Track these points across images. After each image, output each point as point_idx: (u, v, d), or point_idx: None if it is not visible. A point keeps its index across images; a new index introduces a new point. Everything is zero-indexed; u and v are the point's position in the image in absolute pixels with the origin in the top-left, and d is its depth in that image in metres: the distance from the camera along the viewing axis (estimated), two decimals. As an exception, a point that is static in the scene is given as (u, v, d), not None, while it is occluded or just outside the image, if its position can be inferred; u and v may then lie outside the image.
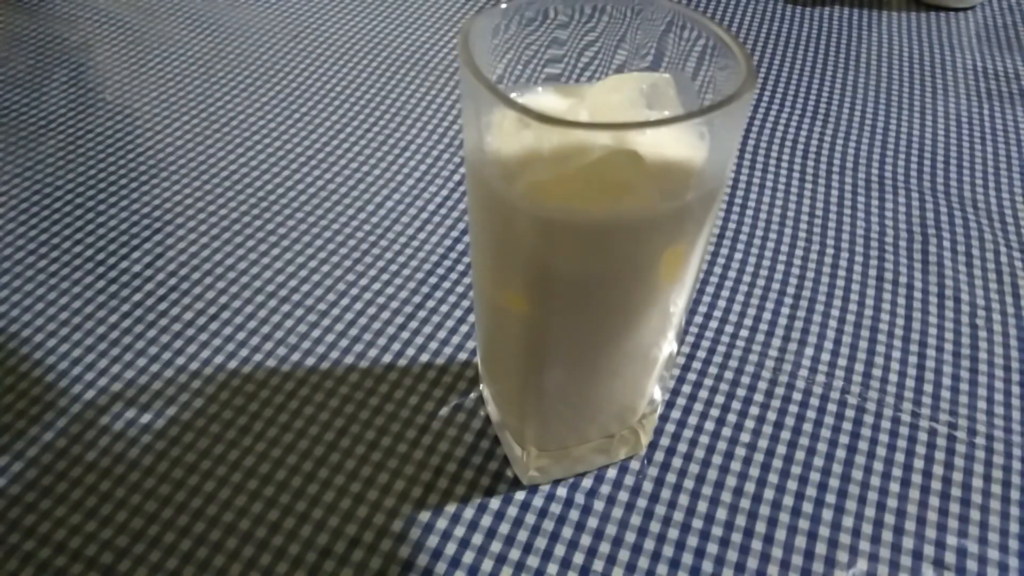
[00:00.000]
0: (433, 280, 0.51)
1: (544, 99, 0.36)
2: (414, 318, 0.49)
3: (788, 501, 0.42)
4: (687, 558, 0.40)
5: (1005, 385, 0.47)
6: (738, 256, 0.54)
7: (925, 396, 0.47)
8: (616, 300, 0.34)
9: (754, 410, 0.46)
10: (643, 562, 0.40)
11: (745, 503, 0.42)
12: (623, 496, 0.42)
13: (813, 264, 0.54)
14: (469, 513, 0.41)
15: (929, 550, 0.41)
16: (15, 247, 0.52)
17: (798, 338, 0.49)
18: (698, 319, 0.50)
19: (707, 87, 0.35)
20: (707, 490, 0.42)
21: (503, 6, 0.34)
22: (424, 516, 0.41)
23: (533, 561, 0.39)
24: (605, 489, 0.42)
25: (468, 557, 0.40)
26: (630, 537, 0.40)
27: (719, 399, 0.46)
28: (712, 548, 0.40)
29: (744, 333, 0.49)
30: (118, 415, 0.44)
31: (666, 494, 0.42)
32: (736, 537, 0.41)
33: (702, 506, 0.42)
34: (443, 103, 0.66)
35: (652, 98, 0.34)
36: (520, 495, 0.42)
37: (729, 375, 0.47)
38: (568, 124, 0.29)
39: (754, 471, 0.43)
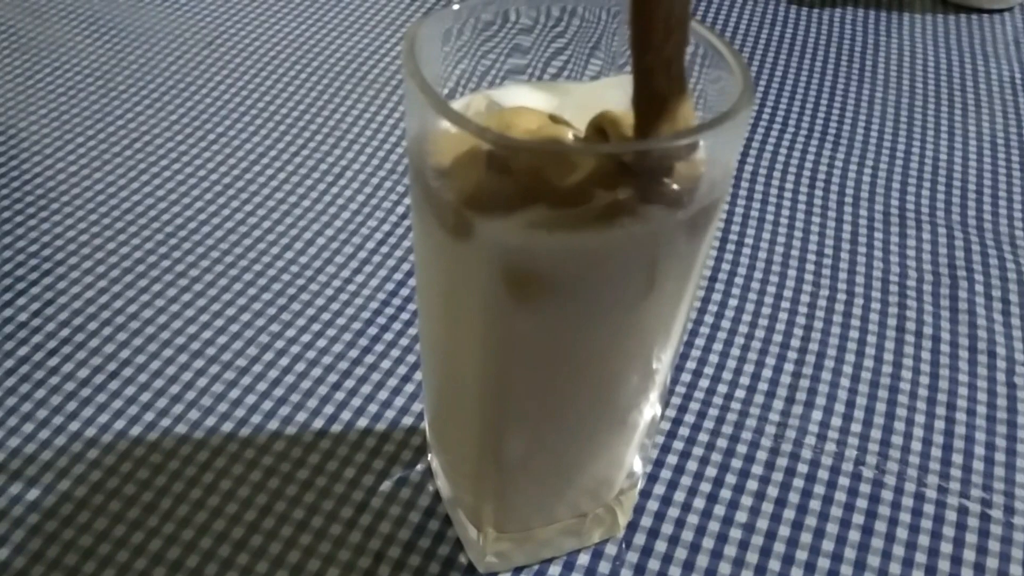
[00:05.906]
0: (373, 331, 0.52)
1: (516, 98, 0.36)
2: (350, 376, 0.50)
3: (792, 591, 0.42)
4: (673, 659, 0.40)
5: (1046, 454, 0.48)
6: (732, 303, 0.54)
7: (954, 468, 0.47)
8: (589, 353, 0.35)
9: (752, 484, 0.46)
10: (621, 664, 0.40)
11: (742, 594, 0.42)
12: (598, 586, 0.42)
13: (821, 312, 0.54)
14: (415, 607, 0.41)
15: (958, 648, 0.41)
16: None
17: (804, 399, 0.50)
18: (686, 376, 0.50)
19: (697, 103, 0.35)
20: (697, 579, 0.43)
21: (455, 7, 0.35)
22: (362, 611, 0.41)
23: (491, 664, 0.40)
24: (577, 578, 0.42)
25: (414, 660, 0.40)
26: (606, 635, 0.41)
27: (711, 471, 0.46)
28: (703, 647, 0.40)
29: (740, 393, 0.50)
30: (-4, 492, 0.44)
31: (649, 584, 0.42)
32: (731, 634, 0.41)
33: (691, 598, 0.42)
34: (384, 121, 0.66)
35: None
36: (476, 586, 0.42)
37: (723, 443, 0.47)
38: (542, 148, 0.30)
39: (752, 557, 0.43)
